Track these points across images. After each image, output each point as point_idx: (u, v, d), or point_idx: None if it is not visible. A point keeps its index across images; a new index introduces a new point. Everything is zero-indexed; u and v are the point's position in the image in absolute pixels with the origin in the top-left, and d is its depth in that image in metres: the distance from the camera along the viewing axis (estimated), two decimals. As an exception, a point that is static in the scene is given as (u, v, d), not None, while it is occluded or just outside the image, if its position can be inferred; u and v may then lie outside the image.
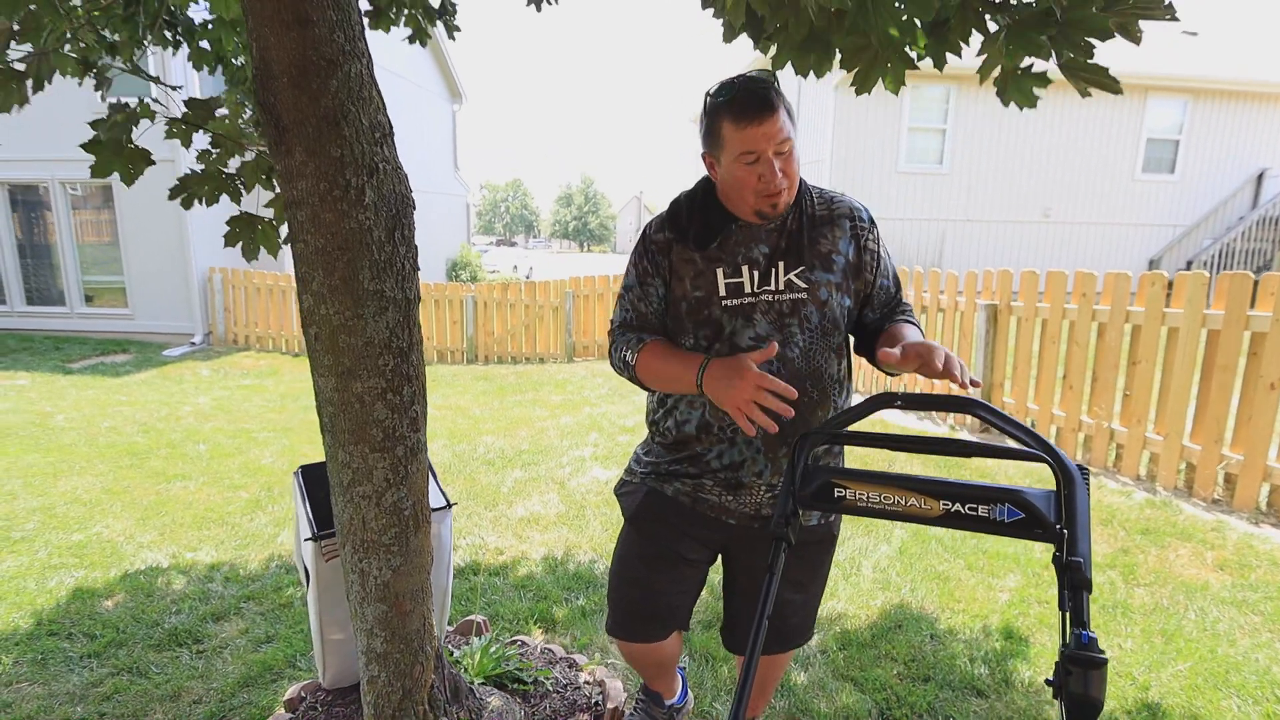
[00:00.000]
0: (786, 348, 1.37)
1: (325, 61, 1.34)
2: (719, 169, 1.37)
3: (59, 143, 9.81)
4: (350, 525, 1.51)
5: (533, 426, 6.03)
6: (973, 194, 12.10)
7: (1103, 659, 0.84)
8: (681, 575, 1.51)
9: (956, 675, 2.13)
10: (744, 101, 1.28)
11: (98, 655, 2.40)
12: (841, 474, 1.15)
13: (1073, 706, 0.83)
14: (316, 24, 1.32)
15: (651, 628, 1.52)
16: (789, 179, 1.32)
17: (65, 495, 4.32)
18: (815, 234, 1.40)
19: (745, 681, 1.07)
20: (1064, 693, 0.85)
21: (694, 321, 1.41)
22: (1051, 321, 4.36)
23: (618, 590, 1.56)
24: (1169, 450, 3.68)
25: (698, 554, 1.51)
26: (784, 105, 1.30)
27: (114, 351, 9.78)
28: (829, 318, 1.39)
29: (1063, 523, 0.97)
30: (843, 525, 3.33)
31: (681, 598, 1.53)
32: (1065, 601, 0.92)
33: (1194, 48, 13.85)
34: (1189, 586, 2.63)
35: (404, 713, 1.56)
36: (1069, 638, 0.88)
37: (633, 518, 1.55)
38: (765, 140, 1.28)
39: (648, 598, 1.51)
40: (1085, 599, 0.91)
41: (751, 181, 1.31)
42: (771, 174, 1.29)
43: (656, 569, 1.51)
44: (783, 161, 1.30)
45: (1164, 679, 2.08)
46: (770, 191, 1.31)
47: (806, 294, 1.38)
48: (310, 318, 1.44)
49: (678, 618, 1.54)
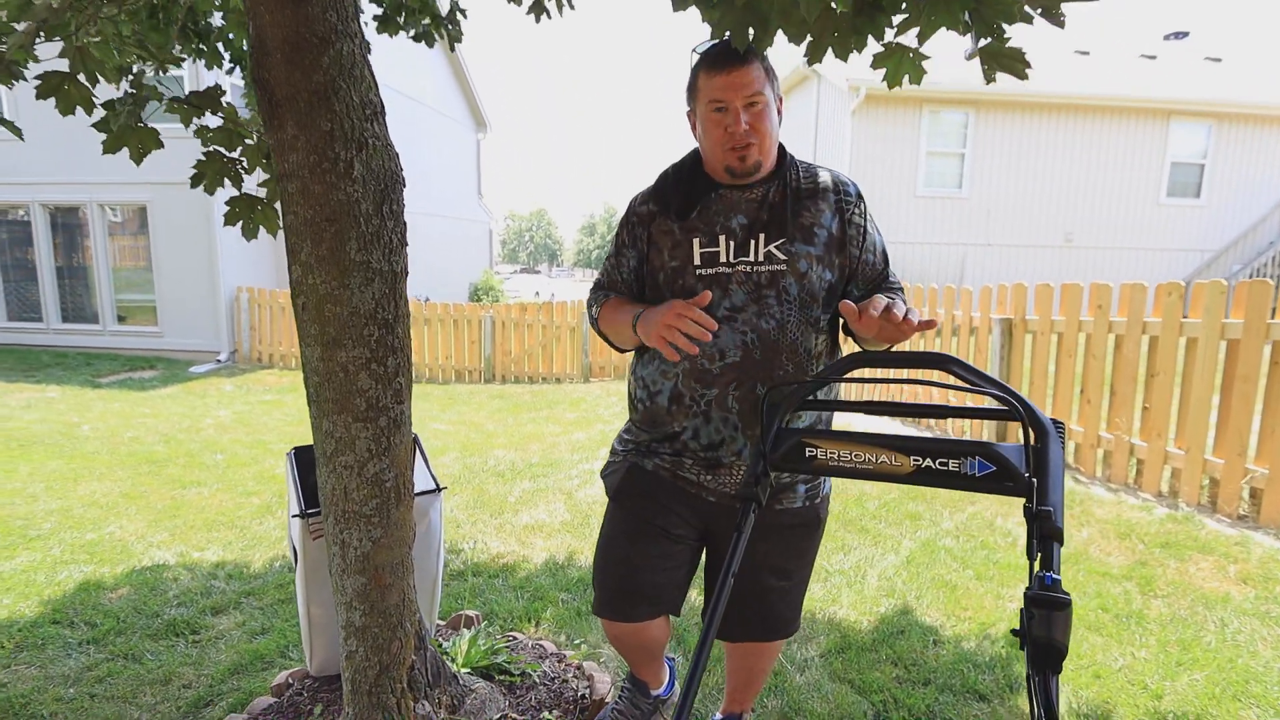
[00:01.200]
0: (762, 319, 1.37)
1: (318, 39, 1.39)
2: (696, 124, 1.40)
3: (99, 166, 10.22)
4: (333, 496, 1.51)
5: (545, 441, 6.03)
6: (993, 218, 12.02)
7: (1065, 599, 0.80)
8: (665, 551, 1.48)
9: (958, 679, 2.06)
10: (718, 52, 1.32)
11: (96, 642, 2.42)
12: (812, 434, 1.13)
13: (1035, 650, 0.80)
14: (310, 2, 1.37)
15: (638, 606, 1.49)
16: (758, 135, 1.33)
17: (84, 498, 4.40)
18: (799, 206, 1.40)
19: (706, 639, 1.04)
20: (1028, 637, 0.81)
21: (671, 291, 1.41)
22: (1067, 335, 4.27)
23: (603, 569, 1.54)
24: (1191, 465, 3.56)
25: (681, 530, 1.49)
26: (762, 65, 1.32)
27: (142, 368, 10.03)
28: (808, 290, 1.38)
29: (1032, 474, 0.94)
30: (851, 534, 3.27)
31: (666, 575, 1.49)
32: (1034, 551, 0.88)
33: (1216, 72, 13.75)
34: (1209, 598, 2.53)
35: (380, 689, 1.55)
36: (1032, 581, 0.84)
37: (615, 494, 1.54)
38: (733, 90, 1.31)
39: (632, 574, 1.49)
40: (1056, 550, 0.88)
41: (719, 133, 1.34)
42: (737, 124, 1.31)
43: (640, 544, 1.48)
44: (751, 115, 1.32)
45: (1179, 687, 1.98)
46: (736, 144, 1.33)
47: (786, 266, 1.37)
48: (299, 288, 1.47)
49: (665, 598, 1.50)
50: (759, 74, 1.31)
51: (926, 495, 3.89)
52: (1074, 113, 11.86)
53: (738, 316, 1.37)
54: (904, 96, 11.49)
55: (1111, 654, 2.18)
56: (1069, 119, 11.89)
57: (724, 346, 1.37)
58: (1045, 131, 11.92)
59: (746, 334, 1.36)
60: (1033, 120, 11.86)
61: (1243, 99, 12.10)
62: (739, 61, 1.31)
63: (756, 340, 1.36)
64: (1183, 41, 15.70)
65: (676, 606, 1.54)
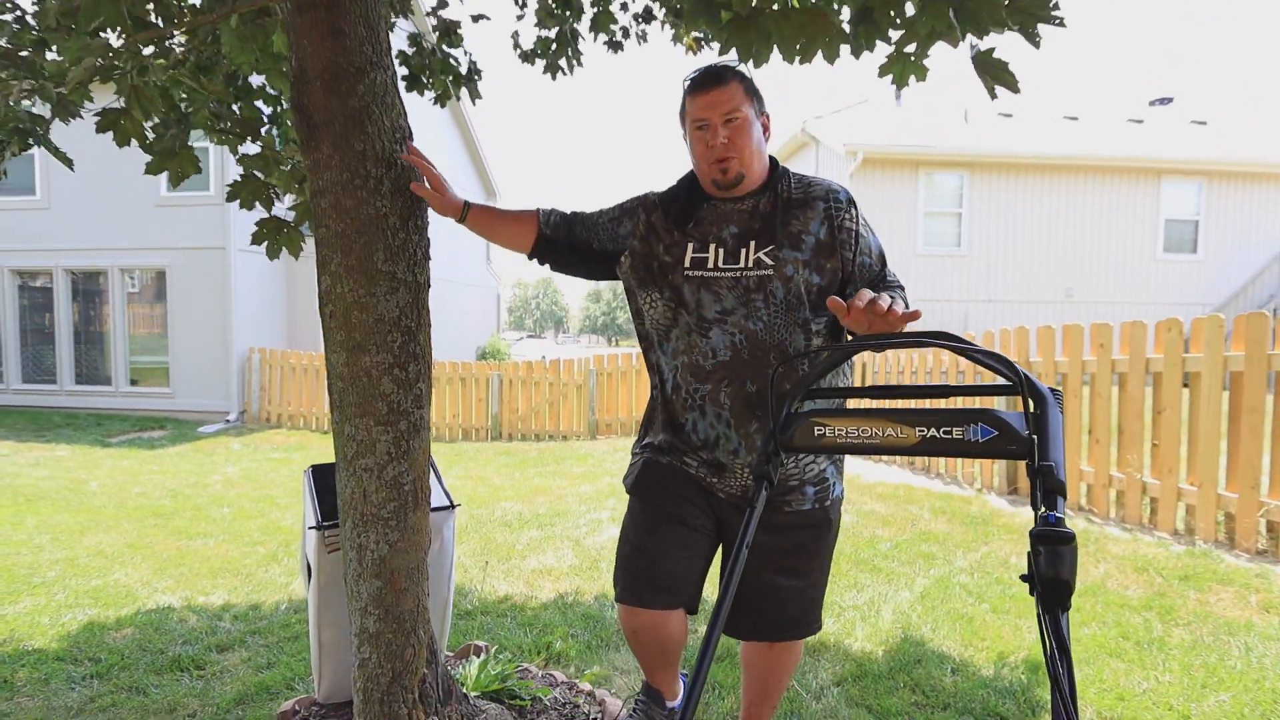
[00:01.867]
0: (750, 321, 1.45)
1: (354, 69, 1.52)
2: (686, 144, 1.53)
3: (122, 232, 10.60)
4: (352, 498, 1.54)
5: (552, 494, 6.00)
6: (993, 275, 12.23)
7: (1069, 534, 0.83)
8: (682, 539, 1.51)
9: (978, 704, 2.01)
10: (699, 76, 1.46)
11: (100, 676, 2.39)
12: (821, 414, 1.17)
13: (1045, 588, 0.82)
14: (348, 36, 1.51)
15: (657, 593, 1.49)
16: (736, 148, 1.44)
17: (89, 549, 4.39)
18: (788, 215, 1.48)
19: (718, 616, 1.06)
20: (1035, 577, 0.83)
21: (661, 280, 1.52)
22: (1071, 375, 4.31)
23: (623, 558, 1.56)
24: (1204, 500, 3.53)
25: (697, 520, 1.52)
26: (742, 84, 1.45)
27: (152, 428, 10.10)
28: (794, 294, 1.45)
29: (1033, 433, 0.98)
30: (864, 573, 3.23)
31: (685, 564, 1.51)
32: (1038, 503, 0.91)
33: (1203, 134, 14.23)
34: (1232, 625, 2.47)
35: (393, 697, 1.53)
36: (1037, 521, 0.87)
37: (633, 487, 1.59)
38: (712, 108, 1.43)
39: (652, 562, 1.51)
40: (1060, 502, 0.91)
41: (701, 148, 1.47)
42: (715, 138, 1.43)
43: (658, 532, 1.52)
44: (730, 130, 1.44)
45: (1206, 708, 1.93)
46: (717, 157, 1.45)
47: (773, 270, 1.45)
48: (327, 297, 1.55)
49: (682, 589, 1.51)
50: (737, 92, 1.44)
51: (939, 536, 3.85)
52: (1067, 173, 12.25)
53: (728, 319, 1.46)
54: (900, 159, 11.91)
55: (1134, 678, 2.13)
56: (1063, 179, 12.27)
57: (715, 346, 1.46)
58: (1040, 191, 12.27)
59: (735, 335, 1.45)
60: (1027, 180, 12.23)
61: (1231, 157, 12.49)
62: (717, 82, 1.44)
63: (745, 340, 1.45)
64: (1168, 106, 16.31)
65: (693, 601, 1.54)
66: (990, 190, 12.14)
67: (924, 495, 4.79)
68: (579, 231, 1.64)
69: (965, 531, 3.90)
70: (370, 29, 1.54)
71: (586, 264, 1.65)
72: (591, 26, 2.84)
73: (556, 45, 3.12)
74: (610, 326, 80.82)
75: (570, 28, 2.87)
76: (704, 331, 1.47)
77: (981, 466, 4.97)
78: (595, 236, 1.62)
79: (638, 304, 1.59)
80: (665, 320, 1.53)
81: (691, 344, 1.49)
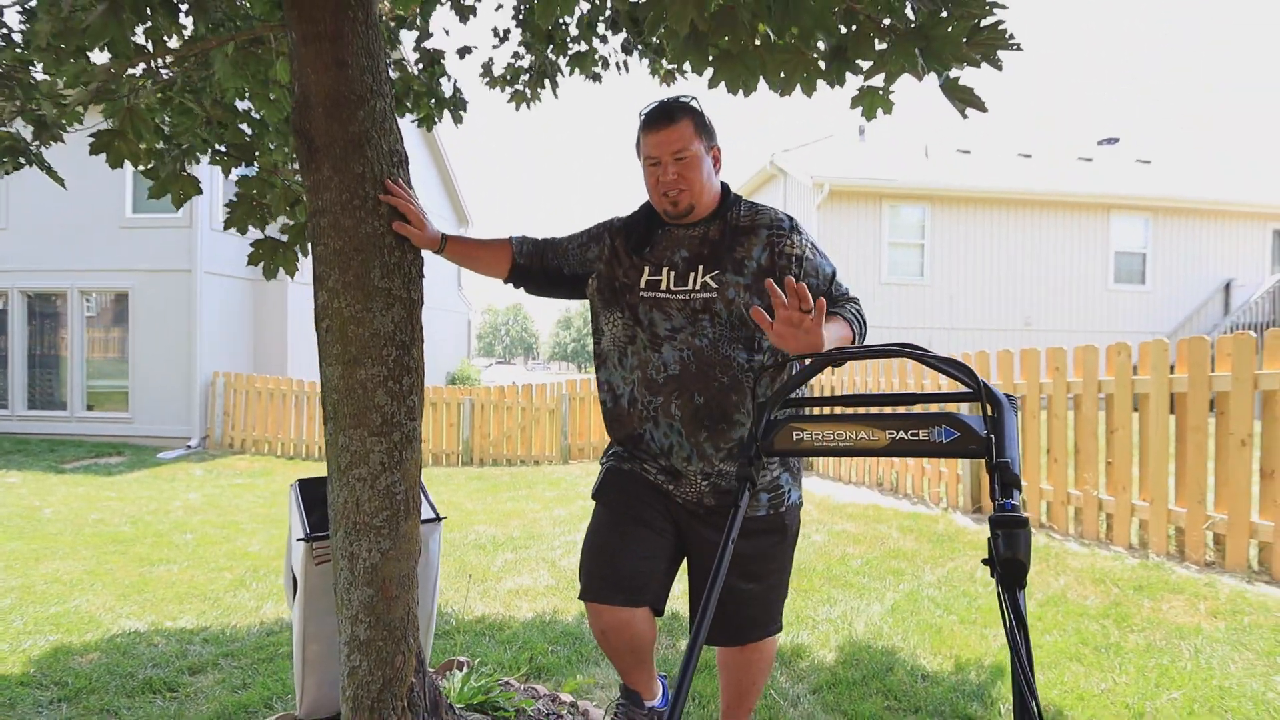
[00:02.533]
0: (696, 338, 1.56)
1: (355, 96, 1.59)
2: (643, 175, 1.65)
3: (82, 254, 10.37)
4: (344, 508, 1.58)
5: (525, 517, 5.99)
6: (955, 304, 12.64)
7: (1024, 519, 0.92)
8: (644, 539, 1.59)
9: (947, 706, 2.09)
10: (652, 114, 1.58)
11: (68, 700, 2.33)
12: (798, 420, 1.26)
13: (1003, 568, 0.91)
14: (350, 66, 1.59)
15: (618, 591, 1.56)
16: (686, 182, 1.56)
17: (45, 576, 4.25)
18: (734, 242, 1.60)
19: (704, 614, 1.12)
20: (994, 558, 0.92)
21: (619, 300, 1.64)
22: (1030, 397, 4.50)
23: (586, 558, 1.64)
24: (1156, 515, 3.71)
25: (658, 522, 1.61)
26: (692, 121, 1.57)
27: (109, 454, 9.79)
28: (736, 314, 1.56)
29: (990, 433, 1.08)
30: (836, 589, 3.30)
31: (647, 564, 1.58)
32: (996, 495, 1.01)
33: (1148, 172, 15.00)
34: (1182, 630, 2.61)
35: (383, 704, 1.55)
36: (995, 509, 0.96)
37: (596, 493, 1.69)
38: (662, 146, 1.56)
39: (611, 560, 1.58)
40: (1016, 494, 1.00)
41: (653, 182, 1.59)
42: (665, 174, 1.56)
43: (619, 532, 1.60)
44: (680, 166, 1.56)
45: (1159, 705, 2.04)
46: (667, 191, 1.57)
47: (716, 294, 1.57)
48: (324, 312, 1.60)
49: (645, 588, 1.57)
50: (687, 129, 1.55)
51: (907, 553, 3.96)
52: (1023, 207, 12.80)
53: (677, 336, 1.57)
54: (865, 192, 12.31)
55: (1093, 680, 2.24)
56: (1019, 213, 12.81)
57: (666, 360, 1.58)
58: (998, 224, 12.78)
59: (684, 350, 1.56)
60: (986, 214, 12.74)
61: (1174, 194, 13.20)
62: (668, 121, 1.56)
63: (692, 356, 1.56)
64: (1114, 146, 17.17)
65: (658, 601, 1.60)
66: (951, 223, 12.61)
67: (893, 515, 4.91)
68: (550, 258, 1.76)
69: (932, 548, 4.02)
70: (371, 59, 1.62)
71: (558, 287, 1.78)
72: (570, 62, 2.96)
73: (533, 75, 3.23)
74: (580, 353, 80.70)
75: (550, 61, 2.99)
76: (656, 348, 1.59)
77: (947, 487, 5.12)
78: (565, 262, 1.75)
79: (600, 324, 1.71)
80: (624, 338, 1.64)
81: (646, 359, 1.60)
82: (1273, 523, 3.23)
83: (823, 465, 6.82)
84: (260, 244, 1.99)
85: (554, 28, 2.86)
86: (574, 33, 2.96)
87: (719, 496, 1.60)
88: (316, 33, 1.55)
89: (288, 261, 2.02)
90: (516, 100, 3.28)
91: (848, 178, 12.21)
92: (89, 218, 10.27)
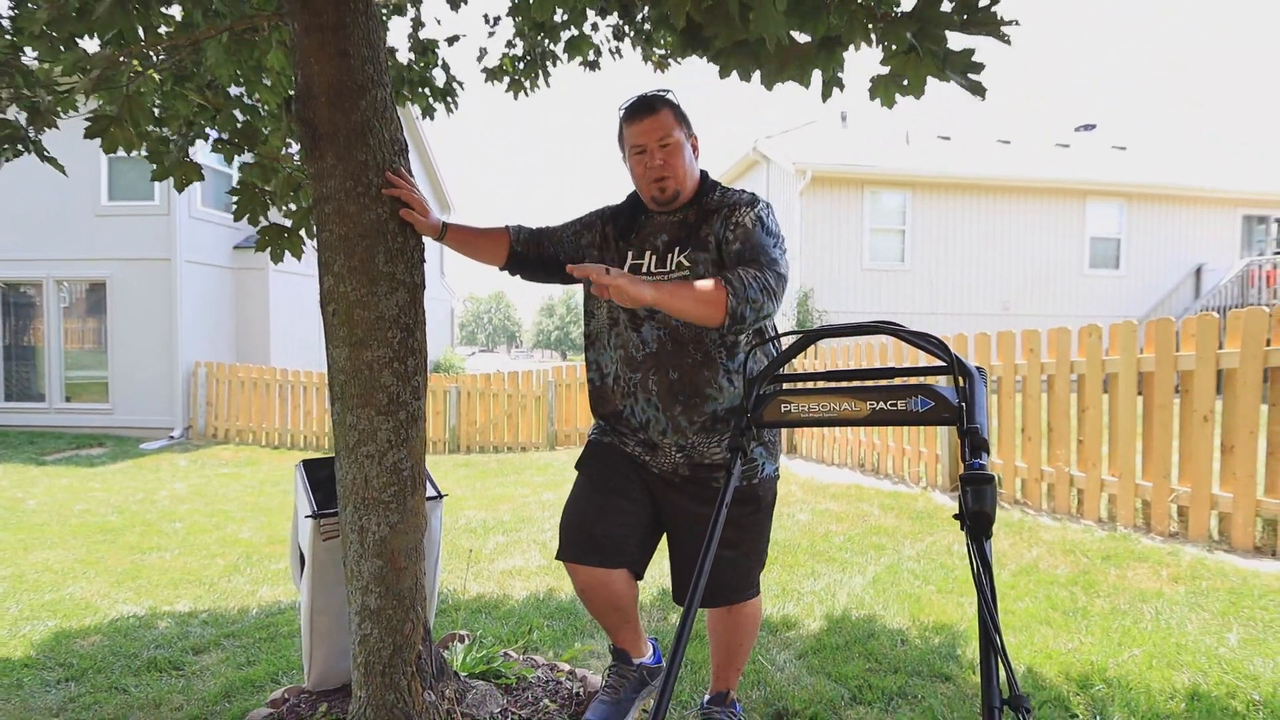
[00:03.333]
0: (673, 317, 1.62)
1: (357, 86, 1.65)
2: (627, 166, 1.73)
3: (58, 242, 10.21)
4: (353, 484, 1.65)
5: (515, 502, 6.06)
6: (935, 289, 12.83)
7: (990, 476, 1.02)
8: (619, 507, 1.70)
9: (925, 667, 2.21)
10: (633, 106, 1.68)
11: (75, 679, 2.39)
12: (786, 393, 1.35)
13: (971, 520, 1.01)
14: (352, 57, 1.64)
15: (591, 552, 1.68)
16: (671, 169, 1.65)
17: (36, 565, 4.27)
18: (702, 222, 1.70)
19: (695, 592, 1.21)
20: (964, 512, 1.02)
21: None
22: (1005, 378, 4.65)
23: (564, 523, 1.76)
24: (1124, 490, 3.87)
25: (636, 492, 1.72)
26: (671, 111, 1.66)
27: (90, 445, 9.71)
28: None
29: (962, 402, 1.17)
30: (820, 564, 3.42)
31: (621, 530, 1.69)
32: (966, 456, 1.10)
33: (1123, 159, 15.27)
34: (1145, 595, 2.76)
35: (394, 669, 1.63)
36: (965, 468, 1.06)
37: (578, 465, 1.81)
38: (647, 134, 1.65)
39: (585, 523, 1.71)
40: (984, 455, 1.10)
41: (640, 170, 1.68)
42: (652, 160, 1.64)
43: (595, 499, 1.72)
44: (664, 154, 1.65)
45: (1121, 661, 2.18)
46: (655, 177, 1.66)
47: (689, 271, 1.66)
48: (329, 296, 1.66)
49: (621, 550, 1.68)
50: (669, 119, 1.65)
51: (888, 530, 4.09)
52: (1001, 193, 12.99)
53: (655, 315, 1.67)
54: (847, 178, 12.43)
55: (1061, 640, 2.38)
56: (998, 199, 13.01)
57: (645, 339, 1.69)
58: (977, 210, 12.97)
59: (660, 329, 1.67)
60: (965, 200, 12.92)
61: (1148, 181, 13.48)
62: (649, 111, 1.66)
63: (668, 335, 1.66)
64: (1091, 133, 17.44)
65: (635, 564, 1.72)
66: (931, 209, 12.78)
67: (874, 494, 5.05)
68: (546, 245, 1.85)
69: (912, 525, 4.16)
70: (372, 49, 1.67)
71: (553, 274, 1.87)
72: (566, 48, 3.01)
73: (526, 64, 3.27)
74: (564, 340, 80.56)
75: (545, 49, 3.03)
76: (636, 327, 1.69)
77: (927, 467, 5.27)
78: (560, 249, 1.83)
79: (590, 306, 1.82)
80: (609, 319, 1.74)
81: (627, 339, 1.70)
82: (1232, 494, 3.40)
83: (806, 448, 6.97)
84: (265, 231, 2.03)
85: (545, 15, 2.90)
86: (563, 18, 3.00)
87: (693, 468, 1.70)
88: (319, 23, 1.60)
89: (294, 246, 2.07)
90: (515, 90, 3.33)
91: (830, 164, 12.31)
92: (64, 206, 10.11)
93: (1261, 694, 1.96)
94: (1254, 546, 3.31)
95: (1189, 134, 46.21)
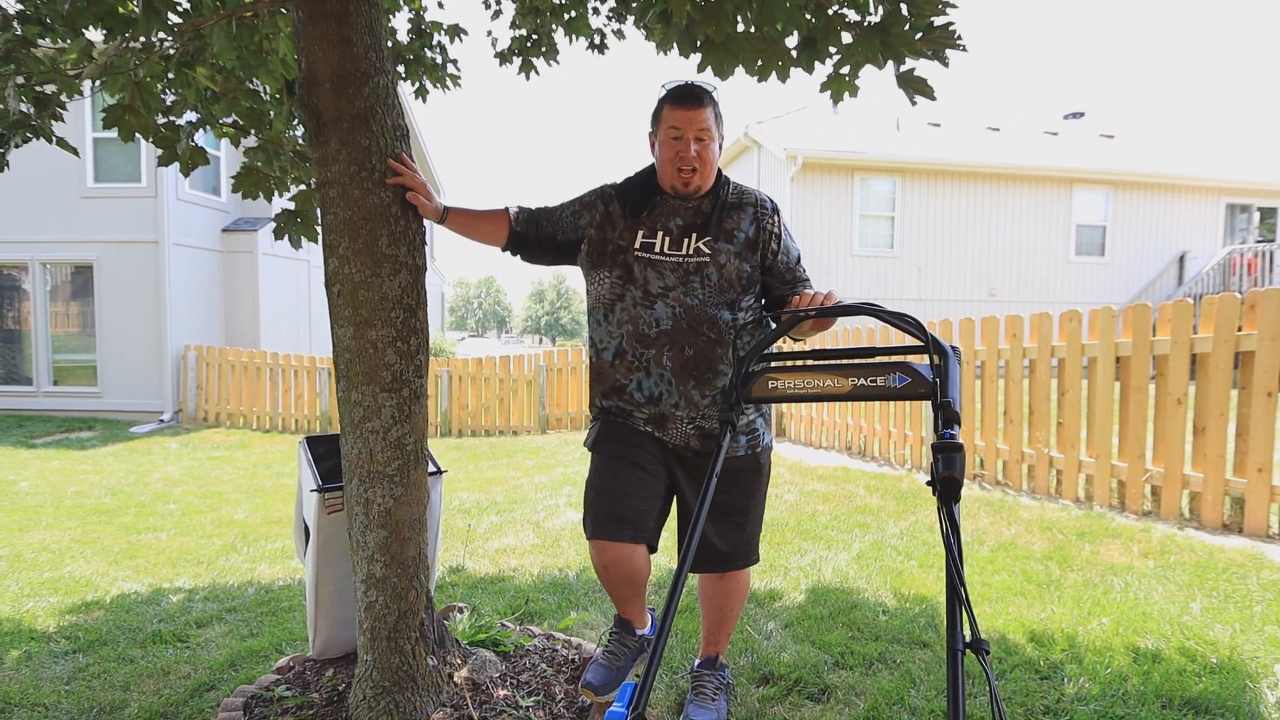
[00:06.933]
0: (688, 297, 1.73)
1: (360, 73, 1.69)
2: (655, 144, 1.77)
3: (44, 224, 10.11)
4: (358, 459, 1.71)
5: (507, 484, 6.14)
6: (923, 275, 12.95)
7: (959, 444, 1.10)
8: (641, 480, 1.76)
9: (905, 635, 2.32)
10: (683, 91, 1.72)
11: (83, 651, 2.45)
12: (773, 371, 1.43)
13: (942, 486, 1.09)
14: (355, 44, 1.68)
15: (623, 527, 1.73)
16: (701, 161, 1.71)
17: (33, 545, 4.31)
18: (724, 215, 1.78)
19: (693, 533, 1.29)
20: (935, 478, 1.10)
21: (613, 260, 1.78)
22: (989, 362, 4.76)
23: (590, 502, 1.79)
24: (1101, 470, 4.00)
25: (652, 465, 1.77)
26: (714, 109, 1.72)
27: (79, 429, 9.69)
28: (726, 278, 1.75)
29: (937, 378, 1.25)
30: (807, 541, 3.53)
31: (645, 503, 1.75)
32: (939, 428, 1.18)
33: (1110, 147, 15.40)
34: (1116, 569, 2.88)
35: (399, 634, 1.71)
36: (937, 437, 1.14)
37: (593, 445, 1.83)
38: (689, 123, 1.70)
39: (614, 501, 1.75)
40: (956, 427, 1.18)
41: (671, 154, 1.72)
42: (687, 150, 1.70)
43: (620, 476, 1.76)
44: (699, 147, 1.70)
45: (1090, 628, 2.29)
46: (684, 166, 1.71)
47: (709, 258, 1.74)
48: (334, 278, 1.72)
49: (645, 525, 1.74)
50: (710, 115, 1.71)
51: (873, 509, 4.21)
52: (990, 180, 13.09)
53: (669, 294, 1.73)
54: (837, 164, 12.48)
55: (1034, 610, 2.49)
56: (986, 186, 13.11)
57: (659, 316, 1.73)
58: (966, 197, 13.08)
59: (676, 308, 1.73)
60: (954, 187, 13.01)
61: (1134, 169, 13.61)
62: (697, 102, 1.71)
63: (683, 313, 1.72)
64: (1080, 120, 17.54)
65: (654, 539, 1.79)
66: (920, 195, 12.86)
67: (860, 475, 5.17)
68: (545, 226, 1.88)
69: (896, 505, 4.28)
70: (374, 37, 1.72)
71: (552, 254, 1.91)
72: (567, 30, 3.04)
73: (532, 44, 3.30)
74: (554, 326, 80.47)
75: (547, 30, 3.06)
76: (649, 304, 1.73)
77: (911, 449, 5.39)
78: (559, 229, 1.87)
79: (590, 284, 1.86)
80: (611, 295, 1.77)
81: (637, 315, 1.74)
82: (1203, 474, 3.52)
83: (795, 431, 7.08)
84: (280, 217, 2.08)
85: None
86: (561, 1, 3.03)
87: (703, 440, 1.77)
88: (322, 11, 1.64)
89: (308, 230, 2.12)
90: (526, 70, 3.36)
91: (820, 150, 12.36)
92: (48, 187, 10.00)
93: (1219, 657, 2.08)
94: (1222, 524, 3.45)
95: (1176, 122, 46.48)
